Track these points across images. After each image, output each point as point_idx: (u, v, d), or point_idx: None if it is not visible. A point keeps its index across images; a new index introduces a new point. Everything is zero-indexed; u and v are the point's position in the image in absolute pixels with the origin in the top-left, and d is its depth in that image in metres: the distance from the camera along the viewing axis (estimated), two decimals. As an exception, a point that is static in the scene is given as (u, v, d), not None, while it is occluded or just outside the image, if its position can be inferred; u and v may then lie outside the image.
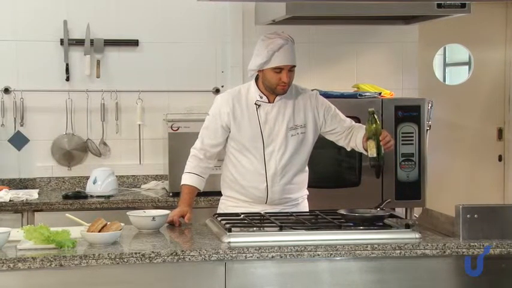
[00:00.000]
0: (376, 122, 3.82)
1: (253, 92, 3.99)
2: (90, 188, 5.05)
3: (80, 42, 5.39)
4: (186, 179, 4.01)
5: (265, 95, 3.98)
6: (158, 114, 5.42)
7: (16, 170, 5.39)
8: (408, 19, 5.50)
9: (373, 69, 5.79)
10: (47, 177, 5.40)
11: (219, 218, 3.71)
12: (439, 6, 4.88)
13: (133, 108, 5.45)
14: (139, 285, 3.21)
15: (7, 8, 5.36)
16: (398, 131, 5.18)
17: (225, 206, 4.11)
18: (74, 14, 5.41)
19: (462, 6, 4.88)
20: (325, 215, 3.75)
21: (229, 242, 3.30)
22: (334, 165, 5.24)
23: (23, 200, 4.82)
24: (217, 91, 5.50)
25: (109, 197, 4.98)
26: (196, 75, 5.57)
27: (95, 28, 5.42)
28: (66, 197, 4.94)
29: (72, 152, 5.43)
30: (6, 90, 5.33)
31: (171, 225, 3.79)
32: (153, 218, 3.64)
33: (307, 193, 4.16)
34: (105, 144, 5.48)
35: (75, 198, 4.92)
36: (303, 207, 4.11)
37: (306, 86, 4.20)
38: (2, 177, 5.34)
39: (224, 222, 3.57)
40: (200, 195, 4.46)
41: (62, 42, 5.39)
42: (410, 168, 5.19)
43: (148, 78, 5.51)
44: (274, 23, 5.19)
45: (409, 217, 5.21)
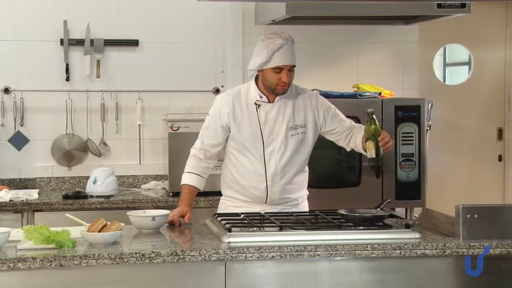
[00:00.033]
0: (375, 123, 3.82)
1: (253, 92, 3.99)
2: (90, 188, 5.05)
3: (80, 42, 5.39)
4: (186, 179, 4.01)
5: (265, 95, 3.98)
6: (158, 114, 5.42)
7: (16, 170, 5.39)
8: (408, 19, 5.50)
9: (373, 69, 5.79)
10: (47, 177, 5.40)
11: (219, 218, 3.71)
12: (439, 6, 4.88)
13: (133, 108, 5.45)
14: (139, 285, 3.21)
15: (7, 8, 5.36)
16: (398, 131, 5.18)
17: (225, 206, 4.11)
18: (74, 14, 5.41)
19: (462, 6, 4.88)
20: (325, 215, 3.74)
21: (229, 242, 3.30)
22: (334, 165, 5.24)
23: (23, 200, 4.82)
24: (217, 91, 5.50)
25: (109, 197, 4.98)
26: (196, 75, 5.56)
27: (95, 28, 5.42)
28: (66, 197, 4.94)
29: (72, 152, 5.43)
30: (6, 90, 5.33)
31: (171, 225, 3.79)
32: (153, 218, 3.64)
33: (307, 193, 4.15)
34: (105, 144, 5.48)
35: (75, 198, 4.92)
36: (303, 207, 4.11)
37: (306, 86, 4.19)
38: (2, 177, 5.34)
39: (224, 222, 3.57)
40: (200, 195, 4.46)
41: (62, 42, 5.39)
42: (410, 168, 5.19)
43: (148, 78, 5.51)
44: (274, 23, 5.19)
45: (409, 217, 5.20)
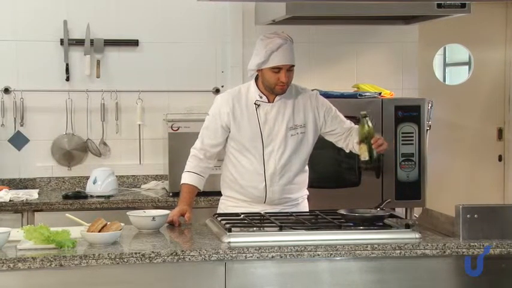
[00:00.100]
0: (368, 125, 3.82)
1: (253, 92, 3.99)
2: (90, 188, 5.05)
3: (80, 42, 5.39)
4: (186, 178, 4.01)
5: (265, 95, 3.98)
6: (158, 114, 5.42)
7: (16, 170, 5.39)
8: (408, 19, 5.50)
9: (373, 69, 5.79)
10: (47, 177, 5.40)
11: (219, 218, 3.71)
12: (439, 6, 4.88)
13: (133, 108, 5.45)
14: (139, 285, 3.21)
15: (7, 8, 5.36)
16: (398, 131, 5.18)
17: (225, 206, 4.11)
18: (74, 14, 5.41)
19: (462, 6, 4.88)
20: (325, 215, 3.74)
21: (229, 242, 3.30)
22: (334, 166, 5.24)
23: (23, 200, 4.82)
24: (217, 91, 5.50)
25: (109, 197, 4.98)
26: (196, 75, 5.56)
27: (95, 28, 5.42)
28: (66, 197, 4.94)
29: (72, 152, 5.43)
30: (6, 90, 5.33)
31: (171, 225, 3.79)
32: (153, 218, 3.64)
33: (307, 193, 4.15)
34: (105, 144, 5.48)
35: (75, 198, 4.91)
36: (303, 208, 4.11)
37: (306, 86, 4.19)
38: (2, 177, 5.34)
39: (224, 222, 3.57)
40: (200, 195, 4.46)
41: (62, 42, 5.39)
42: (410, 168, 5.19)
43: (148, 78, 5.51)
44: (274, 23, 5.19)
45: (409, 217, 5.20)
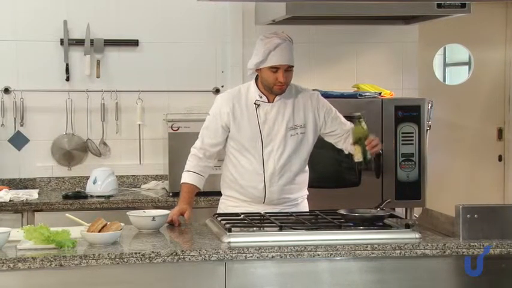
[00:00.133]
0: (362, 127, 3.82)
1: (253, 92, 3.99)
2: (90, 188, 5.05)
3: (80, 42, 5.39)
4: (186, 178, 4.01)
5: (264, 95, 3.98)
6: (158, 114, 5.42)
7: (16, 170, 5.39)
8: (408, 19, 5.50)
9: (373, 69, 5.79)
10: (47, 177, 5.40)
11: (219, 218, 3.71)
12: (439, 6, 4.88)
13: (133, 108, 5.45)
14: (139, 285, 3.21)
15: (7, 8, 5.36)
16: (398, 131, 5.18)
17: (225, 205, 4.11)
18: (74, 14, 5.41)
19: (462, 6, 4.88)
20: (325, 215, 3.74)
21: (229, 242, 3.30)
22: (334, 165, 5.24)
23: (23, 200, 4.82)
24: (217, 91, 5.50)
25: (109, 197, 4.98)
26: (196, 75, 5.56)
27: (95, 28, 5.42)
28: (66, 197, 4.94)
29: (72, 152, 5.43)
30: (6, 90, 5.33)
31: (171, 225, 3.79)
32: (153, 218, 3.64)
33: (307, 193, 4.15)
34: (105, 144, 5.48)
35: (75, 198, 4.91)
36: (303, 208, 4.10)
37: (306, 86, 4.19)
38: (2, 177, 5.34)
39: (224, 222, 3.57)
40: (200, 195, 4.47)
41: (62, 42, 5.39)
42: (410, 168, 5.19)
43: (148, 78, 5.51)
44: (274, 23, 5.19)
45: (409, 217, 5.20)
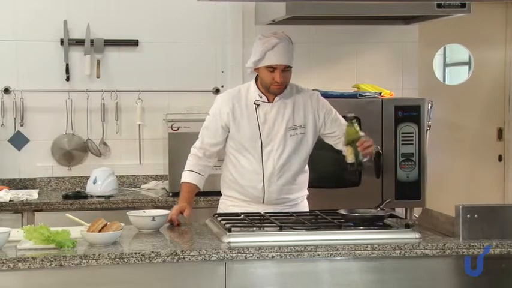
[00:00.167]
0: (354, 128, 3.82)
1: (253, 92, 3.99)
2: (90, 188, 5.05)
3: (80, 42, 5.39)
4: (185, 177, 4.02)
5: (264, 95, 3.97)
6: (158, 114, 5.42)
7: (16, 170, 5.39)
8: (408, 19, 5.50)
9: (373, 69, 5.79)
10: (47, 177, 5.40)
11: (219, 218, 3.71)
12: (439, 6, 4.88)
13: (133, 108, 5.45)
14: (139, 285, 3.21)
15: (7, 8, 5.36)
16: (398, 131, 5.18)
17: (225, 205, 4.11)
18: (74, 14, 5.41)
19: (462, 6, 4.88)
20: (325, 215, 3.74)
21: (229, 242, 3.30)
22: (334, 165, 5.22)
23: (23, 200, 4.82)
24: (217, 91, 5.50)
25: (109, 197, 4.98)
26: (196, 75, 5.56)
27: (95, 28, 5.42)
28: (66, 197, 4.94)
29: (72, 152, 5.43)
30: (6, 90, 5.33)
31: (171, 224, 3.79)
32: (153, 218, 3.64)
33: (307, 193, 4.15)
34: (105, 144, 5.48)
35: (75, 198, 4.91)
36: (302, 208, 4.10)
37: (306, 86, 4.19)
38: (2, 177, 5.34)
39: (224, 222, 3.56)
40: (200, 195, 4.46)
41: (62, 42, 5.39)
42: (410, 168, 5.19)
43: (148, 78, 5.51)
44: (274, 23, 5.19)
45: (409, 217, 5.20)
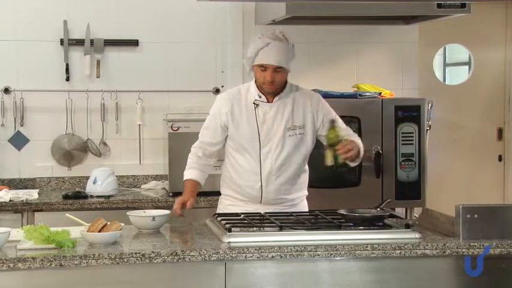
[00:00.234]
0: (334, 132, 3.82)
1: (253, 92, 4.00)
2: (90, 188, 5.05)
3: (80, 42, 5.39)
4: (187, 175, 4.03)
5: (264, 95, 3.98)
6: (158, 114, 5.42)
7: (16, 170, 5.39)
8: (408, 19, 5.50)
9: (373, 69, 5.79)
10: (47, 177, 5.40)
11: (219, 218, 3.71)
12: (439, 6, 4.88)
13: (133, 108, 5.45)
14: (139, 285, 3.21)
15: (7, 8, 5.36)
16: (398, 131, 5.18)
17: (223, 205, 4.13)
18: (74, 14, 5.41)
19: (462, 6, 4.88)
20: (325, 215, 3.74)
21: (229, 242, 3.30)
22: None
23: (23, 200, 4.82)
24: (217, 91, 5.50)
25: (109, 197, 4.98)
26: (196, 75, 5.56)
27: (95, 28, 5.42)
28: (66, 197, 4.94)
29: (72, 152, 5.43)
30: (6, 90, 5.33)
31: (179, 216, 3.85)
32: (153, 218, 3.64)
33: (307, 194, 4.15)
34: (105, 144, 5.48)
35: (75, 198, 4.91)
36: (301, 208, 4.09)
37: (306, 86, 4.20)
38: (2, 177, 5.34)
39: (224, 222, 3.57)
40: (200, 195, 4.46)
41: (62, 42, 5.39)
42: (410, 168, 5.19)
43: (148, 78, 5.50)
44: (274, 23, 5.19)
45: (409, 217, 5.20)
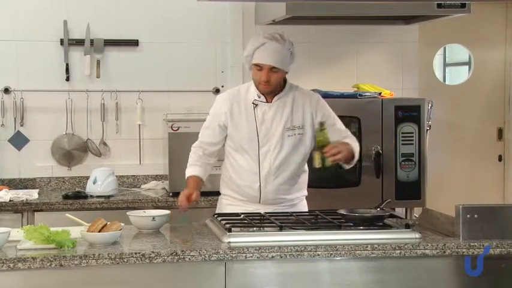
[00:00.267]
0: (323, 135, 3.82)
1: (252, 92, 4.00)
2: (90, 188, 5.05)
3: (80, 42, 5.39)
4: (189, 172, 4.03)
5: (263, 95, 3.98)
6: (158, 114, 5.42)
7: (16, 170, 5.39)
8: (408, 19, 5.50)
9: (373, 69, 5.79)
10: (47, 177, 5.40)
11: (219, 218, 3.71)
12: (439, 6, 4.88)
13: (133, 108, 5.45)
14: (139, 285, 3.21)
15: (7, 8, 5.36)
16: (398, 131, 5.18)
17: (222, 204, 4.14)
18: (74, 14, 5.41)
19: (462, 6, 4.88)
20: (325, 215, 3.74)
21: (229, 242, 3.30)
22: (334, 165, 5.23)
23: (23, 200, 4.82)
24: (217, 91, 5.50)
25: (109, 197, 4.98)
26: (196, 75, 5.56)
27: (95, 28, 5.42)
28: (66, 197, 4.94)
29: (72, 152, 5.43)
30: (6, 90, 5.33)
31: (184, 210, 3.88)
32: (153, 218, 3.64)
33: (306, 194, 4.15)
34: (105, 144, 5.48)
35: (75, 198, 4.91)
36: (301, 208, 4.09)
37: (306, 86, 4.20)
38: (2, 177, 5.34)
39: (224, 222, 3.57)
40: (200, 195, 4.45)
41: (62, 42, 5.39)
42: (410, 168, 5.19)
43: (148, 78, 5.50)
44: (274, 23, 5.19)
45: (409, 217, 5.20)
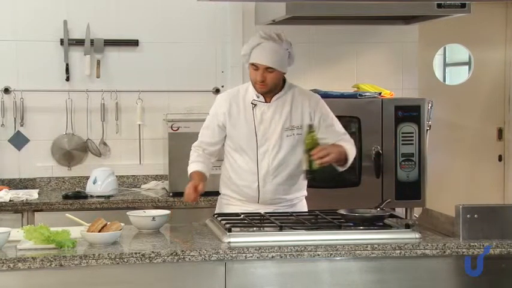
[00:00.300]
0: (312, 137, 3.82)
1: (251, 92, 4.00)
2: (90, 188, 5.05)
3: (80, 42, 5.39)
4: (192, 168, 4.03)
5: (262, 95, 3.98)
6: (158, 114, 5.42)
7: (16, 170, 5.39)
8: (408, 19, 5.50)
9: (373, 69, 5.78)
10: (47, 177, 5.40)
11: (219, 218, 3.71)
12: (439, 6, 4.88)
13: (133, 108, 5.45)
14: (139, 285, 3.21)
15: (7, 8, 5.36)
16: (398, 131, 5.18)
17: (221, 204, 4.14)
18: (74, 14, 5.41)
19: (462, 6, 4.88)
20: (325, 215, 3.74)
21: (229, 242, 3.30)
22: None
23: (23, 200, 4.82)
24: (217, 91, 5.50)
25: (109, 197, 4.98)
26: (196, 75, 5.56)
27: (95, 28, 5.42)
28: (66, 197, 4.94)
29: (72, 152, 5.43)
30: (6, 90, 5.33)
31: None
32: (153, 218, 3.64)
33: (305, 194, 4.14)
34: (105, 144, 5.48)
35: (75, 198, 4.91)
36: (300, 208, 4.09)
37: (306, 86, 4.20)
38: (2, 177, 5.34)
39: (224, 222, 3.57)
40: (200, 195, 4.46)
41: (62, 42, 5.39)
42: (410, 168, 5.19)
43: (148, 78, 5.50)
44: (274, 23, 5.19)
45: (409, 217, 5.20)
